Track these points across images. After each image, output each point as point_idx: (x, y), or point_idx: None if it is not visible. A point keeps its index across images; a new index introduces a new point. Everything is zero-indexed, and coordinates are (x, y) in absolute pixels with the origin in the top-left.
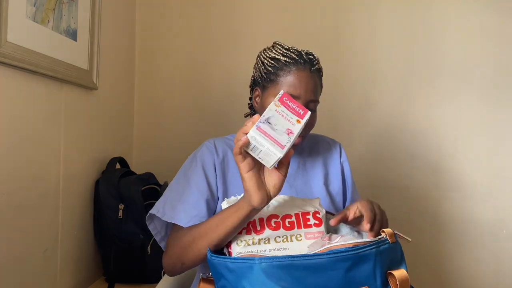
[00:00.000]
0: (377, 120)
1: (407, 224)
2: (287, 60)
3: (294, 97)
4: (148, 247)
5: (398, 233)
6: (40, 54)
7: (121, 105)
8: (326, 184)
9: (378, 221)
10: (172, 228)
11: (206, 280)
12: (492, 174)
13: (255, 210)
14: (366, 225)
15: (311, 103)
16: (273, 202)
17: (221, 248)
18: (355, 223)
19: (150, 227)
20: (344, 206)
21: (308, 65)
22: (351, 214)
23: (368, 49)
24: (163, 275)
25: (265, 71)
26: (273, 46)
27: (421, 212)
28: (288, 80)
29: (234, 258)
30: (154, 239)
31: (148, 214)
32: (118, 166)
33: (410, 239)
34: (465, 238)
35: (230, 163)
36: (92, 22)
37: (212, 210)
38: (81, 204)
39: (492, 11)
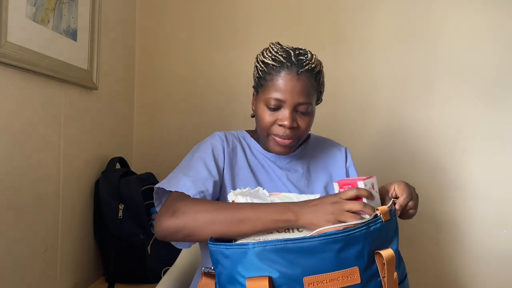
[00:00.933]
0: (377, 121)
1: (407, 224)
2: (275, 64)
3: (281, 101)
4: (148, 247)
5: (395, 200)
6: (40, 54)
7: (121, 105)
8: (327, 187)
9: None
10: (173, 192)
11: (208, 274)
12: (492, 174)
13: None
14: (397, 211)
15: (300, 106)
16: (277, 199)
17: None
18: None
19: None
20: None
21: (296, 67)
22: (390, 193)
23: (368, 49)
24: (163, 275)
25: (257, 75)
26: (267, 48)
27: (421, 212)
28: (275, 85)
29: (229, 244)
30: (154, 239)
31: (155, 191)
32: (118, 166)
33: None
34: (465, 238)
35: (238, 156)
36: (92, 22)
37: (216, 194)
38: (81, 204)
39: (492, 11)
